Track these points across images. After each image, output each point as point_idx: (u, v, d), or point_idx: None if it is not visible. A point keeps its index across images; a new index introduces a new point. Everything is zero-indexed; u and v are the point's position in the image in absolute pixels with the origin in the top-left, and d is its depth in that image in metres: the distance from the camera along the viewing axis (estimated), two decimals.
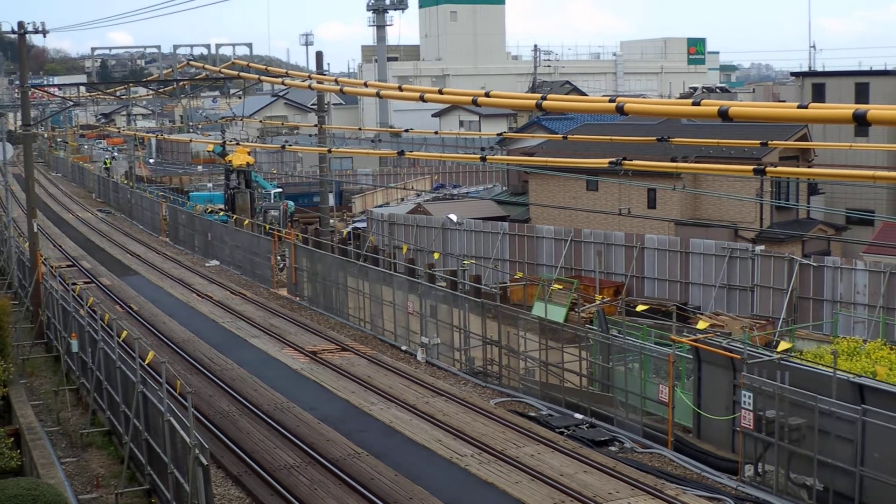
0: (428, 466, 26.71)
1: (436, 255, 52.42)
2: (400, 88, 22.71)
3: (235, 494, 25.40)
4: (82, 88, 73.96)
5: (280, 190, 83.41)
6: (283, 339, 41.61)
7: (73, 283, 43.96)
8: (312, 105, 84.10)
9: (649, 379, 30.06)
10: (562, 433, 29.37)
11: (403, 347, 40.43)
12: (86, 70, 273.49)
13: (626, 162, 21.95)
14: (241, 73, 45.36)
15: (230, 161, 73.66)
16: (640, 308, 36.76)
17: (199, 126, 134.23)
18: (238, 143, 51.84)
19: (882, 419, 22.11)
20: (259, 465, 26.72)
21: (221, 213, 70.71)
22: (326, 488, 25.16)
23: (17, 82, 55.75)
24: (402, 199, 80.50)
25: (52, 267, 47.62)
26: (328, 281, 47.59)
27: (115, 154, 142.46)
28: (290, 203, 79.08)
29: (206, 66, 64.64)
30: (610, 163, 22.42)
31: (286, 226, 69.29)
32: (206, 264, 61.96)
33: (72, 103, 75.30)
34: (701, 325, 35.07)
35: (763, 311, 44.34)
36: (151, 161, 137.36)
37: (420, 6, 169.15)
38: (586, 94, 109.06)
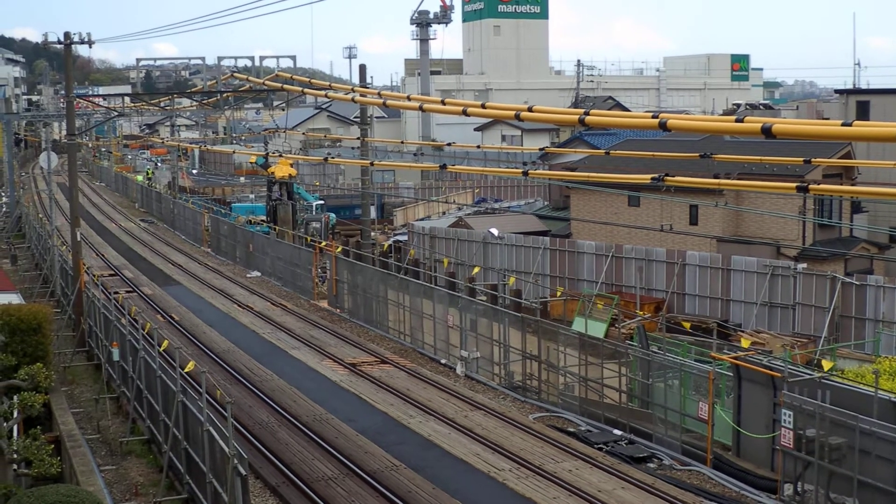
0: (466, 480, 26.69)
1: (475, 270, 52.38)
2: (443, 102, 22.80)
3: None
4: (127, 99, 74.38)
5: (322, 202, 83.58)
6: (323, 351, 41.70)
7: (115, 292, 44.27)
8: (355, 118, 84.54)
9: (689, 396, 29.92)
10: (600, 449, 29.30)
11: (443, 361, 40.43)
12: (130, 81, 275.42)
13: (669, 178, 21.90)
14: (285, 86, 45.62)
15: (273, 173, 73.91)
16: (686, 325, 36.61)
17: (243, 137, 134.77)
18: (281, 155, 52.16)
19: None
20: (297, 476, 26.79)
21: (263, 225, 70.96)
22: (364, 500, 25.19)
23: (63, 92, 56.16)
24: (444, 213, 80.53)
25: (94, 276, 47.94)
26: (368, 293, 47.66)
27: (159, 164, 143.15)
28: (332, 215, 79.25)
29: (250, 77, 64.98)
30: (652, 178, 22.39)
31: (327, 238, 69.43)
32: (248, 275, 62.18)
33: (116, 113, 75.71)
34: (744, 343, 34.89)
35: (804, 329, 44.04)
36: (194, 172, 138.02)
37: (464, 20, 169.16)
38: (629, 110, 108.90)
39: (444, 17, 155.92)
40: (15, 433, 25.42)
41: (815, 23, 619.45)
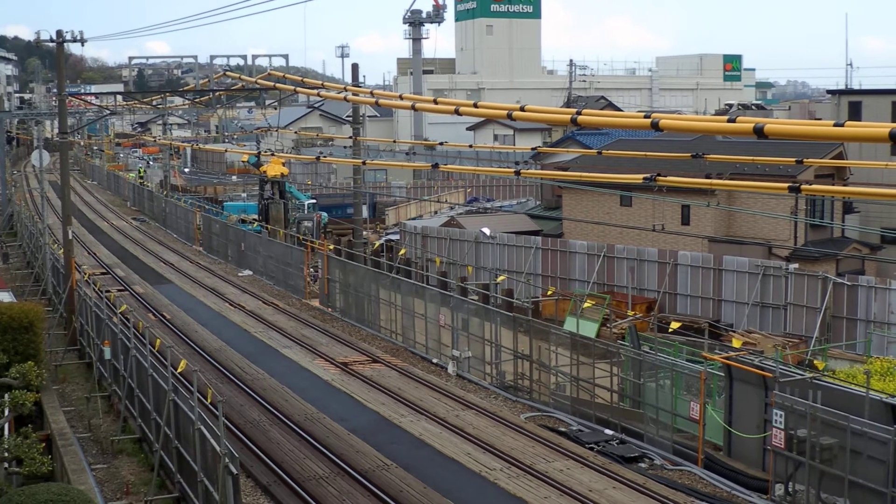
0: (457, 480, 26.69)
1: (469, 270, 52.36)
2: (435, 101, 22.77)
3: None
4: (119, 97, 74.24)
5: (314, 201, 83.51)
6: (315, 350, 41.67)
7: (107, 291, 44.19)
8: (347, 117, 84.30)
9: (680, 396, 29.94)
10: (591, 449, 29.30)
11: (434, 360, 40.41)
12: (123, 79, 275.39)
13: (661, 178, 21.89)
14: (277, 84, 45.56)
15: (265, 171, 73.90)
16: (674, 325, 36.62)
17: (235, 136, 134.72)
18: (273, 154, 52.03)
19: None
20: (288, 476, 26.76)
21: (255, 224, 70.94)
22: (355, 500, 25.18)
23: (55, 90, 56.03)
24: (436, 212, 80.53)
25: (86, 274, 47.85)
26: (360, 292, 47.63)
27: (151, 162, 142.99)
28: (324, 214, 79.17)
29: (242, 76, 64.90)
30: (644, 178, 22.38)
31: (319, 237, 69.38)
32: (239, 274, 62.13)
33: (108, 112, 75.65)
34: (736, 343, 34.92)
35: (796, 329, 44.10)
36: (186, 170, 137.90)
37: (456, 20, 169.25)
38: (621, 110, 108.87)
39: (436, 16, 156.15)
40: (6, 431, 25.41)
41: (808, 23, 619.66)
